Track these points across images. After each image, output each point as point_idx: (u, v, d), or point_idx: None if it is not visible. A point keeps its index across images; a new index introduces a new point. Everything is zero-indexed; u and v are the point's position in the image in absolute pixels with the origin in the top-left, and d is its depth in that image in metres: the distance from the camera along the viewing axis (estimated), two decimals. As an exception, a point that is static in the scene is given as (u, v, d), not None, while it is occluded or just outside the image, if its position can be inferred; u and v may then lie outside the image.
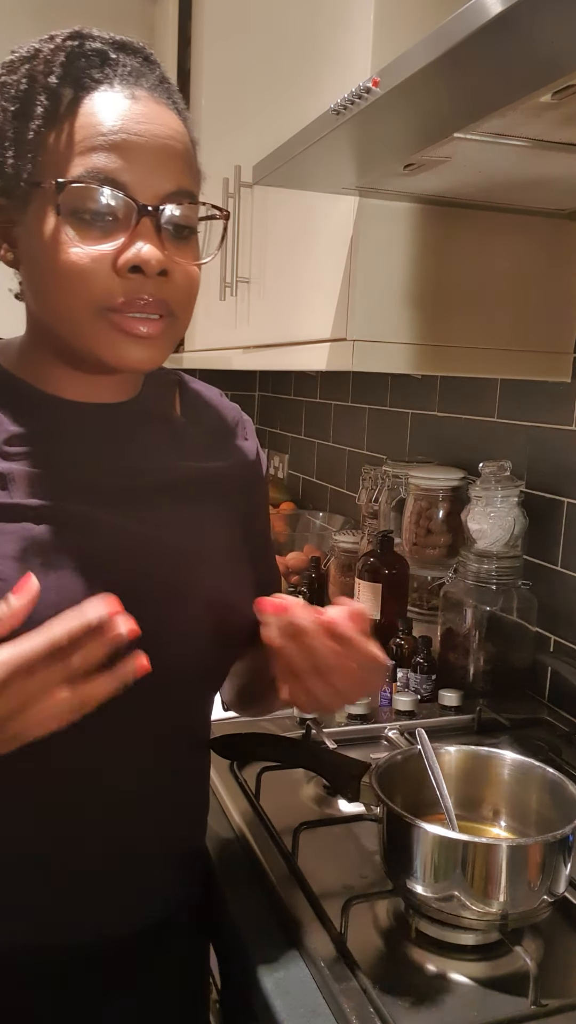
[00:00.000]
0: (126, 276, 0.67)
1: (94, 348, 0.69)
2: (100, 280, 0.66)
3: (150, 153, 0.67)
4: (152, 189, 0.67)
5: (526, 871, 0.73)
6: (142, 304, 0.68)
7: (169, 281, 0.68)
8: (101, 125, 0.66)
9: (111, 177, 0.66)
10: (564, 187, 1.04)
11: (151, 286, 0.67)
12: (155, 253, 0.66)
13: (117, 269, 0.66)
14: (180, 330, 0.73)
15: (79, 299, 0.67)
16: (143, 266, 0.66)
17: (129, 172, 0.66)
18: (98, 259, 0.66)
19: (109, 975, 0.78)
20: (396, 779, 0.82)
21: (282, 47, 1.42)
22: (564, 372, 1.30)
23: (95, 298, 0.67)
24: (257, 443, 0.91)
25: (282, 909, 0.81)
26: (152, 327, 0.69)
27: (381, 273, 1.15)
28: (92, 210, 0.66)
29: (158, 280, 0.67)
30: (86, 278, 0.66)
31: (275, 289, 1.48)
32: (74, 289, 0.67)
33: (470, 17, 0.62)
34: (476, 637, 1.33)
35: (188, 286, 0.71)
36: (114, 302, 0.67)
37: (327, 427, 2.26)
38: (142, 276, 0.67)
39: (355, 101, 0.79)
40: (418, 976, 0.73)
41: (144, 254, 0.66)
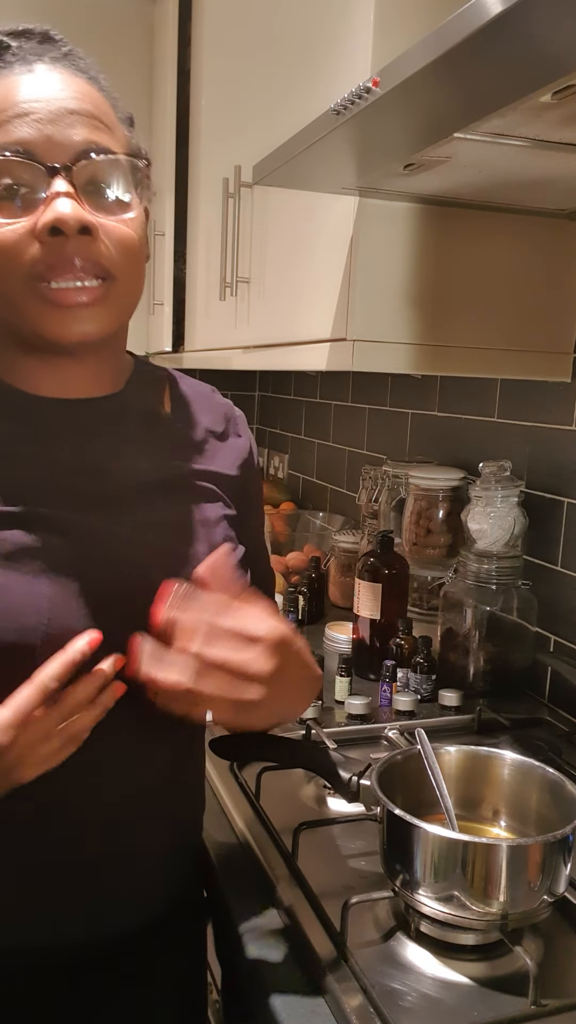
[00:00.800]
0: (47, 240, 0.65)
1: (34, 326, 0.67)
2: (22, 249, 0.65)
3: (52, 116, 0.66)
4: (60, 150, 0.65)
5: (526, 871, 0.73)
6: (71, 269, 0.66)
7: (96, 240, 0.66)
8: (2, 103, 0.66)
9: (14, 147, 0.65)
10: (564, 187, 1.04)
11: (75, 244, 0.65)
12: (70, 209, 0.64)
13: (37, 235, 0.65)
14: (124, 294, 0.70)
15: (8, 275, 0.66)
16: (60, 225, 0.64)
17: (32, 138, 0.65)
18: (18, 230, 0.65)
19: (108, 975, 0.78)
20: (396, 779, 0.82)
21: (282, 47, 1.42)
22: (564, 372, 1.30)
23: (22, 270, 0.65)
24: (251, 438, 0.89)
25: (282, 909, 0.82)
26: (88, 294, 0.67)
27: (381, 273, 1.15)
28: (4, 185, 0.65)
29: (83, 239, 0.65)
30: (9, 251, 0.65)
31: (275, 289, 1.49)
32: (3, 267, 0.66)
33: (470, 17, 0.62)
34: (476, 637, 1.33)
35: (120, 242, 0.68)
36: (39, 269, 0.65)
37: (327, 427, 2.26)
38: (64, 238, 0.65)
39: (355, 101, 0.79)
40: (418, 976, 0.73)
41: (59, 212, 0.64)
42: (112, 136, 0.70)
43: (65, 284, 0.66)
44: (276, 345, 1.47)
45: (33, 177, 0.65)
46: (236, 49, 1.69)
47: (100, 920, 0.76)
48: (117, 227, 0.68)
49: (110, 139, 0.69)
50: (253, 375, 2.76)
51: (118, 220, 0.68)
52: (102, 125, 0.69)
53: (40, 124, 0.65)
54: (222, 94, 1.79)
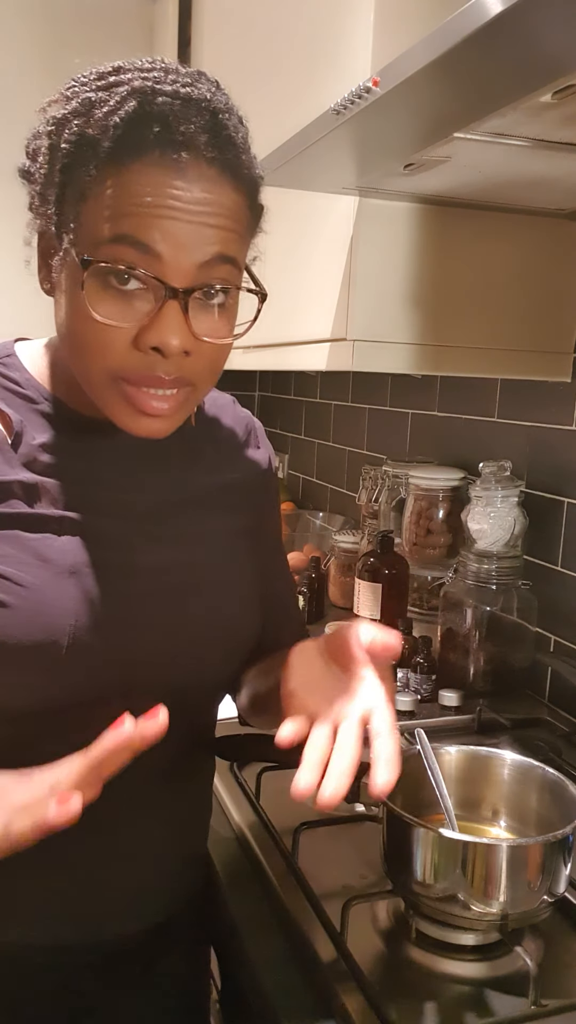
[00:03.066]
0: (147, 352, 0.64)
1: (106, 410, 0.68)
2: (119, 352, 0.64)
3: (184, 227, 0.62)
4: (185, 264, 0.63)
5: (526, 871, 0.73)
6: (160, 383, 0.65)
7: (191, 358, 0.66)
8: (140, 193, 0.61)
9: (142, 249, 0.62)
10: (564, 187, 1.04)
11: (171, 365, 0.65)
12: (176, 336, 0.63)
13: (138, 345, 0.64)
14: (199, 397, 0.71)
15: (95, 365, 0.65)
16: (163, 349, 0.63)
17: (160, 246, 0.62)
18: (120, 331, 0.63)
19: (110, 975, 0.78)
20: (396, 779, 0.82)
21: (282, 47, 1.42)
22: (564, 372, 1.30)
23: (111, 367, 0.65)
24: (270, 449, 0.90)
25: (282, 909, 0.81)
26: (168, 402, 0.66)
27: (381, 273, 1.15)
28: (119, 277, 0.63)
29: (179, 358, 0.65)
30: (105, 348, 0.64)
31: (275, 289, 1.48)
32: (91, 355, 0.65)
33: (470, 17, 0.62)
34: (476, 637, 1.33)
35: (213, 358, 0.68)
36: (130, 374, 0.65)
37: (327, 427, 2.26)
38: (162, 356, 0.64)
39: (355, 101, 0.79)
40: (418, 976, 0.73)
41: (165, 337, 0.63)
42: (237, 244, 0.68)
43: (147, 389, 0.65)
44: (276, 345, 1.47)
45: (150, 284, 0.63)
46: (236, 49, 1.69)
47: (102, 923, 0.77)
48: (215, 347, 0.67)
49: (234, 248, 0.67)
50: (253, 375, 2.76)
51: (217, 338, 0.67)
52: (229, 236, 0.66)
53: (170, 235, 0.62)
54: (222, 94, 1.79)
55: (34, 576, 0.67)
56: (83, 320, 0.64)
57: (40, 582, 0.67)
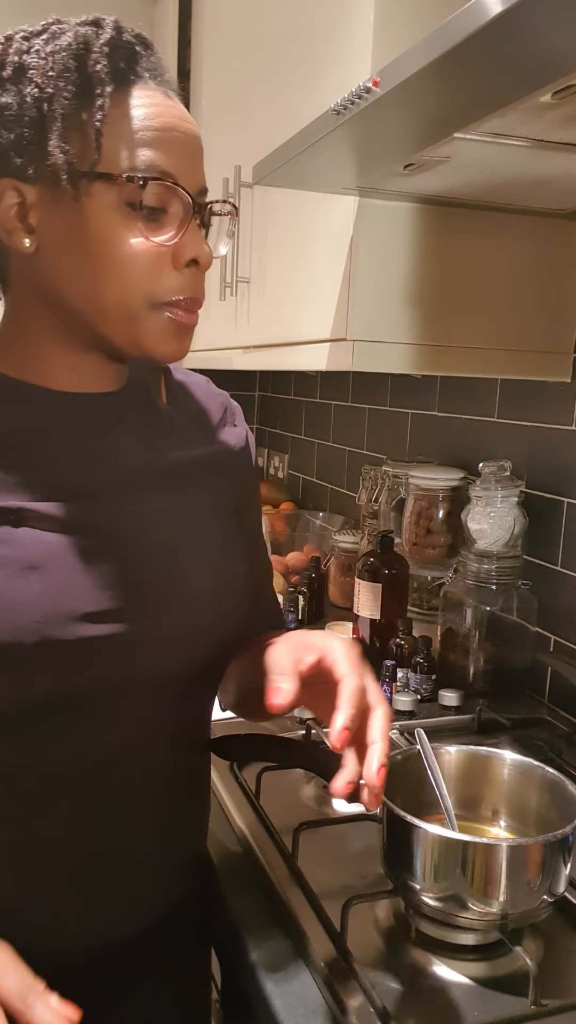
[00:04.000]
0: (182, 271, 0.68)
1: (142, 340, 0.69)
2: (161, 275, 0.67)
3: (189, 150, 0.68)
4: (194, 184, 0.68)
5: (526, 871, 0.73)
6: (199, 298, 0.70)
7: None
8: (150, 119, 0.66)
9: (166, 171, 0.66)
10: (564, 187, 1.04)
11: (200, 281, 0.70)
12: (206, 248, 0.69)
13: (176, 262, 0.68)
14: None
15: (137, 292, 0.67)
16: (201, 261, 0.68)
17: (178, 168, 0.67)
18: (155, 250, 0.67)
19: (109, 976, 0.78)
20: (396, 779, 0.82)
21: (282, 47, 1.42)
22: (564, 372, 1.30)
23: (154, 292, 0.67)
24: (247, 429, 0.89)
25: (282, 909, 0.82)
26: (195, 316, 0.71)
27: (381, 273, 1.15)
28: (148, 204, 0.66)
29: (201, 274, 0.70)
30: (147, 272, 0.67)
31: (275, 289, 1.49)
32: (133, 281, 0.67)
33: (470, 17, 0.62)
34: (476, 637, 1.33)
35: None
36: (172, 297, 0.68)
37: (327, 427, 2.26)
38: (196, 270, 0.68)
39: (355, 101, 0.79)
40: (418, 976, 0.73)
41: (202, 248, 0.68)
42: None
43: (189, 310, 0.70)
44: (276, 345, 1.47)
45: (173, 202, 0.67)
46: (236, 49, 1.69)
47: (102, 923, 0.76)
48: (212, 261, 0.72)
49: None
50: (253, 375, 2.76)
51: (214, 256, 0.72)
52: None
53: (183, 154, 0.67)
54: (222, 94, 1.79)
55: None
56: (124, 247, 0.66)
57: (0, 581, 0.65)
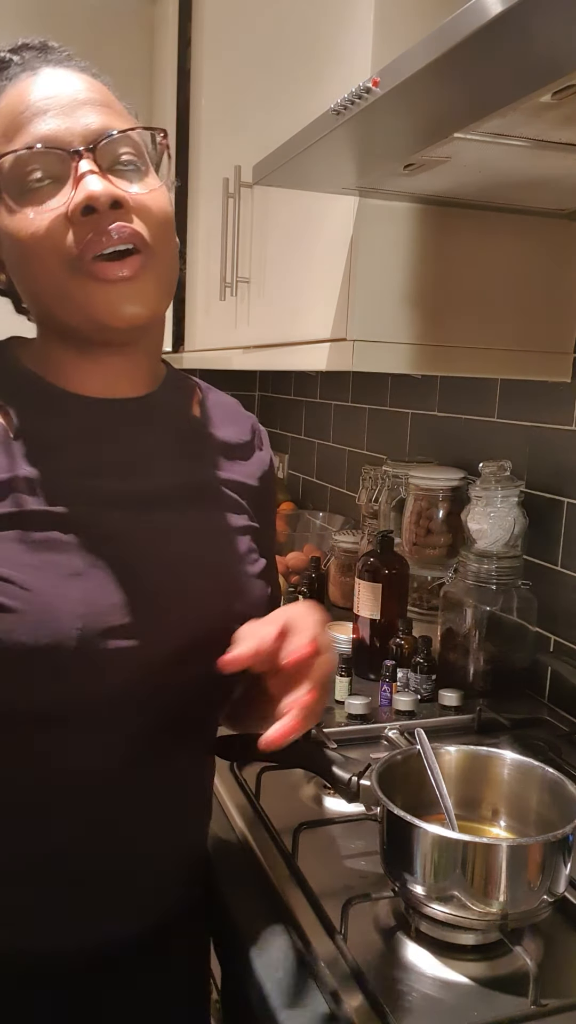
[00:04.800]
0: (81, 221, 0.66)
1: (84, 310, 0.68)
2: (59, 235, 0.66)
3: (66, 108, 0.68)
4: (80, 136, 0.68)
5: (526, 871, 0.73)
6: (108, 240, 0.66)
7: (128, 212, 0.68)
8: (18, 106, 0.68)
9: (37, 139, 0.67)
10: (564, 187, 1.04)
11: (110, 217, 0.66)
12: (100, 187, 0.66)
13: (71, 218, 0.66)
14: (162, 268, 0.71)
15: (50, 263, 0.67)
16: (92, 202, 0.66)
17: (52, 130, 0.67)
18: (52, 217, 0.66)
19: (109, 976, 0.78)
20: (396, 779, 0.82)
21: (282, 47, 1.42)
22: (564, 372, 1.30)
23: (62, 255, 0.66)
24: (271, 453, 0.91)
25: (282, 909, 0.82)
26: (128, 265, 0.67)
27: (381, 273, 1.15)
28: (33, 176, 0.67)
29: (116, 214, 0.67)
30: (47, 239, 0.66)
31: (275, 289, 1.49)
32: (42, 256, 0.67)
33: (470, 17, 0.62)
34: (476, 637, 1.33)
35: (151, 214, 0.69)
36: (79, 250, 0.66)
37: (327, 427, 2.26)
38: (97, 215, 0.66)
39: (355, 101, 0.79)
40: (418, 976, 0.73)
41: (89, 191, 0.65)
42: (124, 121, 0.72)
43: (104, 254, 0.66)
44: (276, 345, 1.47)
45: (59, 165, 0.67)
46: (236, 49, 1.69)
47: (102, 923, 0.76)
48: (146, 199, 0.70)
49: (123, 123, 0.71)
50: (253, 375, 2.76)
51: (146, 193, 0.70)
52: (113, 112, 0.71)
53: (56, 117, 0.68)
54: (222, 94, 1.79)
55: (38, 579, 0.67)
56: (23, 229, 0.67)
57: (44, 585, 0.67)
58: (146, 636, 0.70)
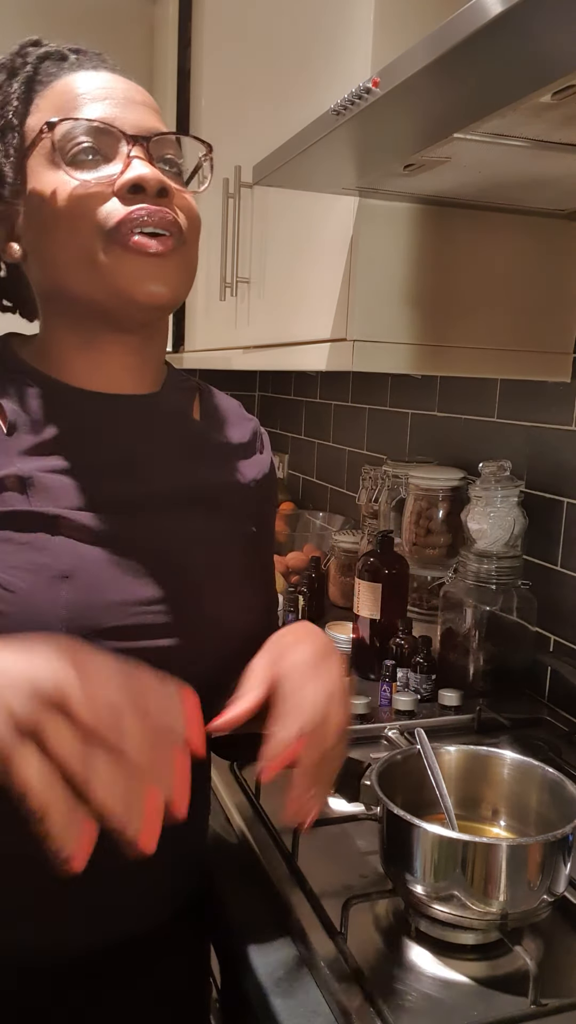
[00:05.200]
0: (126, 197, 0.68)
1: (110, 279, 0.68)
2: (99, 203, 0.68)
3: (121, 100, 0.71)
4: (135, 125, 0.70)
5: (526, 871, 0.73)
6: (149, 218, 0.68)
7: (171, 202, 0.70)
8: (78, 89, 0.70)
9: (98, 118, 0.69)
10: (564, 187, 1.04)
11: (154, 203, 0.69)
12: (152, 172, 0.68)
13: (116, 192, 0.68)
14: (189, 263, 0.73)
15: (84, 229, 0.68)
16: (142, 182, 0.68)
17: (112, 111, 0.70)
18: (98, 186, 0.68)
19: (109, 976, 0.78)
20: (396, 779, 0.82)
21: (282, 47, 1.42)
22: (564, 372, 1.30)
23: (98, 222, 0.68)
24: (271, 456, 0.90)
25: (282, 909, 0.82)
26: (162, 243, 0.69)
27: (381, 273, 1.15)
28: (84, 147, 0.68)
29: (160, 201, 0.69)
30: (88, 203, 0.68)
31: (275, 289, 1.49)
32: (78, 218, 0.68)
33: (470, 17, 0.62)
34: (476, 637, 1.33)
35: (188, 212, 0.72)
36: (117, 220, 0.68)
37: (327, 427, 2.26)
38: (143, 195, 0.68)
39: (355, 101, 0.79)
40: (418, 976, 0.73)
41: (143, 173, 0.68)
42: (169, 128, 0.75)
43: (141, 230, 0.68)
44: (276, 345, 1.47)
45: (111, 145, 0.69)
46: (236, 49, 1.69)
47: (102, 923, 0.76)
48: (186, 197, 0.73)
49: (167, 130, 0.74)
50: (253, 375, 2.76)
51: (188, 191, 0.73)
52: (160, 120, 0.74)
53: (114, 106, 0.70)
54: (222, 94, 1.79)
55: (25, 581, 0.66)
56: (66, 194, 0.68)
57: (30, 587, 0.66)
58: (136, 640, 0.70)
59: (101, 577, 0.69)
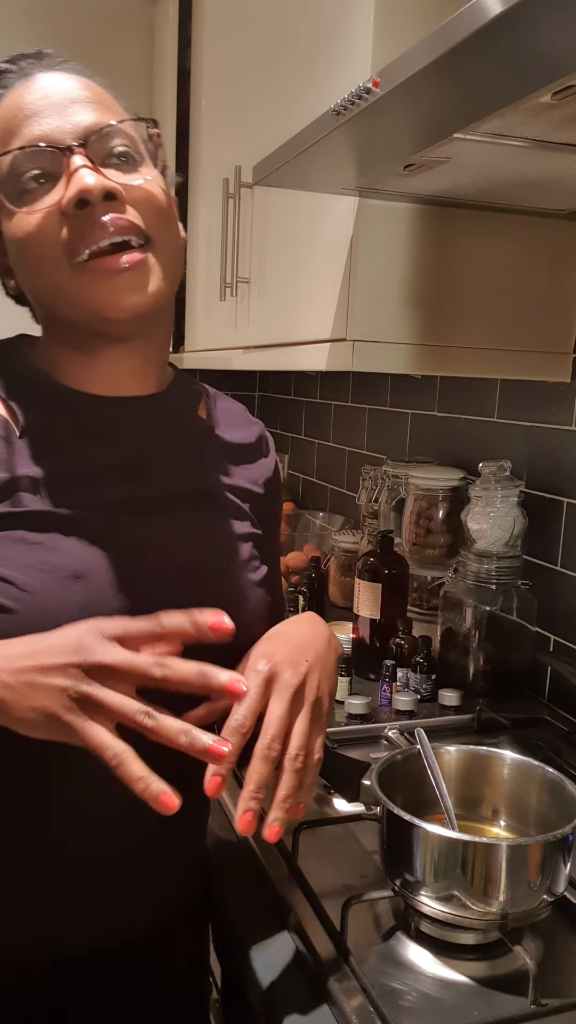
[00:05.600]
0: (75, 215, 0.66)
1: (87, 305, 0.68)
2: (53, 230, 0.67)
3: (55, 105, 0.69)
4: (70, 132, 0.68)
5: (526, 871, 0.73)
6: (104, 232, 0.66)
7: (123, 204, 0.68)
8: (15, 108, 0.69)
9: (31, 139, 0.67)
10: (564, 187, 1.04)
11: (104, 209, 0.67)
12: (91, 179, 0.66)
13: (65, 212, 0.66)
14: (164, 257, 0.71)
15: (48, 260, 0.67)
16: (84, 195, 0.66)
17: (44, 130, 0.68)
18: (46, 214, 0.67)
19: (109, 976, 0.78)
20: (396, 779, 0.82)
21: (282, 47, 1.42)
22: (564, 372, 1.30)
23: (58, 250, 0.67)
24: (276, 459, 0.91)
25: (282, 909, 0.82)
26: (130, 256, 0.67)
27: (381, 273, 1.15)
28: (28, 175, 0.67)
29: (110, 206, 0.67)
30: (42, 234, 0.67)
31: (275, 289, 1.49)
32: (41, 254, 0.67)
33: (470, 17, 0.62)
34: (476, 637, 1.33)
35: (147, 203, 0.70)
36: (73, 244, 0.66)
37: (327, 427, 2.26)
38: (91, 208, 0.66)
39: (355, 101, 0.79)
40: (418, 976, 0.73)
41: (80, 184, 0.66)
42: (117, 116, 0.72)
43: (100, 247, 0.66)
44: (276, 345, 1.47)
45: (53, 162, 0.67)
46: (236, 49, 1.69)
47: (102, 923, 0.76)
48: (140, 188, 0.69)
49: (116, 117, 0.71)
50: (253, 375, 2.76)
51: (140, 183, 0.70)
52: (105, 107, 0.71)
53: (48, 117, 0.68)
54: (222, 94, 1.79)
55: (38, 580, 0.67)
56: (23, 230, 0.67)
57: (44, 586, 0.67)
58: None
59: (110, 577, 0.69)
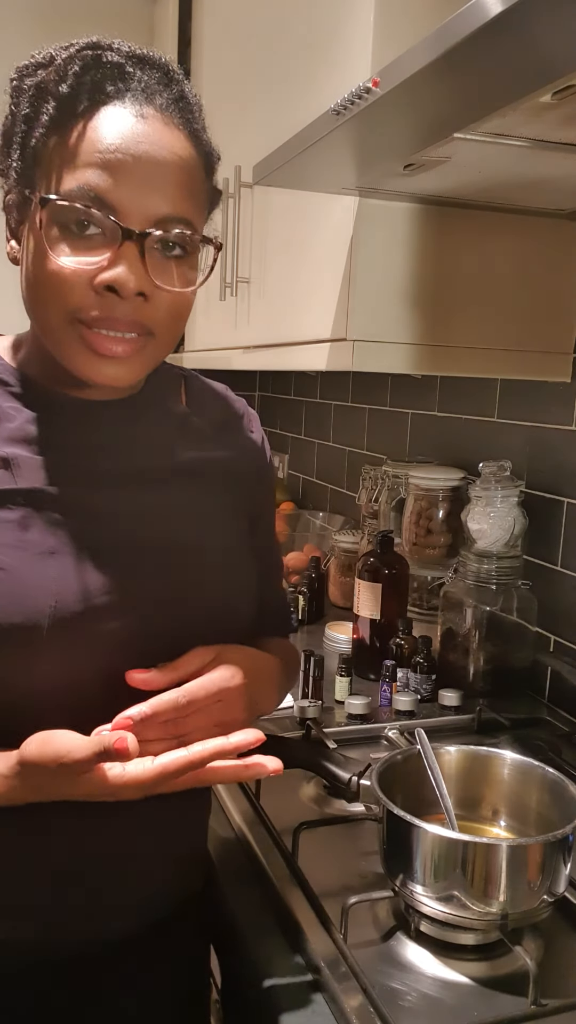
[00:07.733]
0: (102, 293, 0.66)
1: (66, 360, 0.69)
2: (77, 292, 0.66)
3: (144, 175, 0.66)
4: (143, 212, 0.66)
5: (526, 871, 0.73)
6: (115, 324, 0.67)
7: (149, 304, 0.68)
8: (100, 141, 0.65)
9: (100, 196, 0.65)
10: (564, 187, 1.04)
11: (127, 307, 0.67)
12: (132, 277, 0.65)
13: (94, 286, 0.66)
14: (161, 349, 0.72)
15: (55, 308, 0.67)
16: (119, 288, 0.65)
17: (119, 192, 0.65)
18: (78, 272, 0.66)
19: (109, 975, 0.78)
20: (396, 779, 0.83)
21: (282, 47, 1.42)
22: (564, 372, 1.30)
23: (69, 309, 0.66)
24: (263, 435, 0.91)
25: (282, 909, 0.82)
26: (125, 347, 0.68)
27: (381, 273, 1.15)
28: (78, 221, 0.65)
29: (136, 301, 0.67)
30: (63, 289, 0.66)
31: (275, 289, 1.48)
32: (51, 298, 0.67)
33: (470, 17, 0.62)
34: (476, 637, 1.33)
35: (172, 307, 0.69)
36: (86, 315, 0.66)
37: (327, 427, 2.26)
38: (117, 296, 0.66)
39: (355, 101, 0.79)
40: (418, 976, 0.73)
41: (121, 276, 0.65)
42: (195, 204, 0.70)
43: (104, 332, 0.67)
44: (276, 345, 1.47)
45: (108, 228, 0.66)
46: (236, 49, 1.69)
47: (102, 922, 0.76)
48: (175, 295, 0.69)
49: (192, 208, 0.69)
50: (253, 375, 2.76)
51: (175, 287, 0.69)
52: (188, 194, 0.69)
53: (132, 180, 0.65)
54: (222, 94, 1.79)
55: (11, 557, 0.67)
56: (43, 263, 0.66)
57: (18, 563, 0.67)
58: (127, 617, 0.70)
59: (85, 554, 0.69)
